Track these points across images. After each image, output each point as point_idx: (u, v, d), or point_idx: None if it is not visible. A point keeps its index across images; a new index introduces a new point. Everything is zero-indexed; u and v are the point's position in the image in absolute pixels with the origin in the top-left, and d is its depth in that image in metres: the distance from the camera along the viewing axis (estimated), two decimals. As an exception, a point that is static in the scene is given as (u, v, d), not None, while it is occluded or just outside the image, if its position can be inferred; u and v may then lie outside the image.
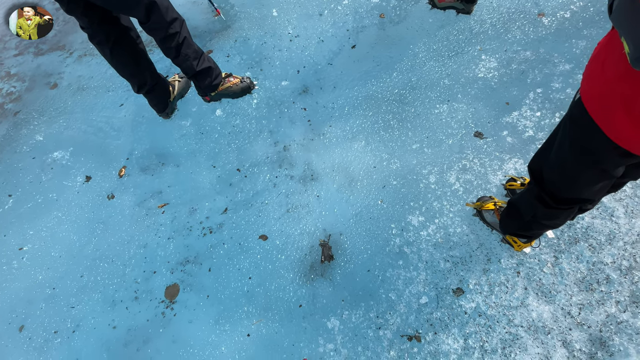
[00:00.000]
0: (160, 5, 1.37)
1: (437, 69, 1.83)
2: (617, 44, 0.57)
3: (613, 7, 0.52)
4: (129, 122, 1.97)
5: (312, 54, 2.05)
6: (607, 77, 0.61)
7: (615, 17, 0.51)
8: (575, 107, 0.70)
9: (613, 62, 0.60)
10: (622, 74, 0.58)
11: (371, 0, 2.24)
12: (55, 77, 2.32)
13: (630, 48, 0.48)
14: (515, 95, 1.67)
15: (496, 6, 2.02)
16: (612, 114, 0.62)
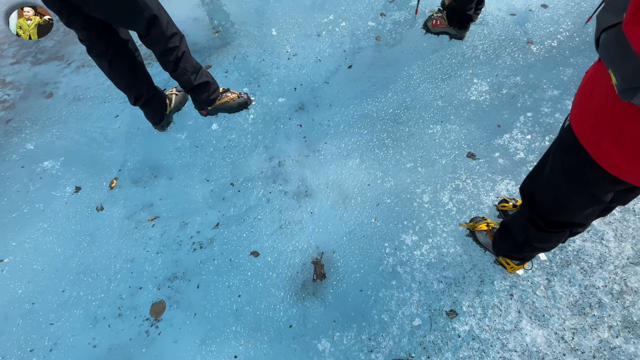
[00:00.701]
0: (161, 20, 1.39)
1: (431, 90, 1.88)
2: (605, 74, 0.59)
3: (600, 41, 0.54)
4: (123, 133, 1.95)
5: (309, 73, 2.09)
6: (595, 106, 0.63)
7: (603, 51, 0.53)
8: (566, 133, 0.72)
9: (601, 92, 0.62)
10: (610, 104, 0.60)
11: (367, 23, 2.31)
12: (51, 87, 2.31)
13: (617, 80, 0.50)
14: (506, 118, 1.72)
15: (487, 33, 2.10)
16: (601, 142, 0.64)
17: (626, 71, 0.48)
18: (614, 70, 0.51)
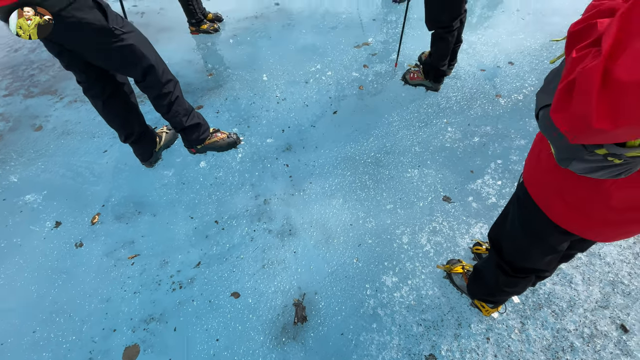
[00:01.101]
0: (157, 68, 1.49)
1: (409, 137, 2.02)
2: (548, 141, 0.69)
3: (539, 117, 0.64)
4: (110, 168, 1.97)
5: (297, 116, 2.22)
6: (542, 167, 0.72)
7: (540, 125, 0.63)
8: (520, 189, 0.81)
9: (546, 155, 0.72)
10: (553, 166, 0.69)
11: (352, 73, 2.51)
12: (42, 120, 2.35)
13: (554, 150, 0.60)
14: (478, 164, 1.84)
15: (460, 86, 2.32)
16: (549, 198, 0.72)
17: (559, 145, 0.57)
18: (550, 142, 0.60)
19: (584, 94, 0.42)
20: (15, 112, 2.46)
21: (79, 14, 1.17)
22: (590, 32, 0.48)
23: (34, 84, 2.72)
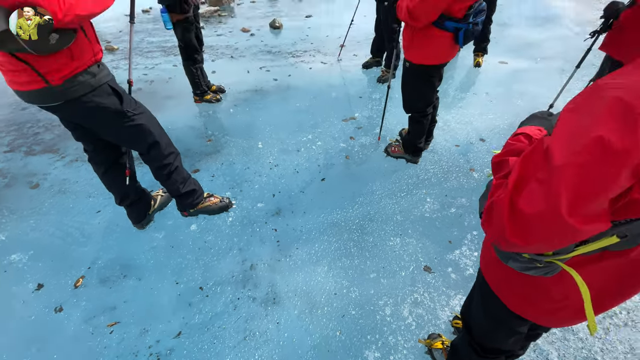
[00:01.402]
0: (161, 143, 1.65)
1: (391, 206, 2.16)
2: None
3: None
4: (101, 229, 2.01)
5: (287, 182, 2.36)
6: (492, 258, 0.83)
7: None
8: (479, 274, 0.91)
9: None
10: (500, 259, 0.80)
11: (339, 144, 2.74)
12: (39, 177, 2.43)
13: (495, 249, 0.71)
14: (456, 235, 1.96)
15: (437, 160, 2.54)
16: (502, 286, 0.82)
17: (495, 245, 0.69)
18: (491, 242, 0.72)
19: (498, 218, 0.55)
20: (13, 168, 2.55)
21: (97, 99, 1.34)
22: (504, 166, 0.63)
23: (37, 142, 2.86)
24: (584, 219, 0.48)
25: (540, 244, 0.54)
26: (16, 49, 1.07)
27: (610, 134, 0.44)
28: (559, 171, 0.47)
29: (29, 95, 1.25)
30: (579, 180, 0.46)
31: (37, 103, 1.30)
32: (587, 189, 0.46)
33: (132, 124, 1.48)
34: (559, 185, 0.47)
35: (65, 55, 1.19)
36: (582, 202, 0.47)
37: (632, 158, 0.43)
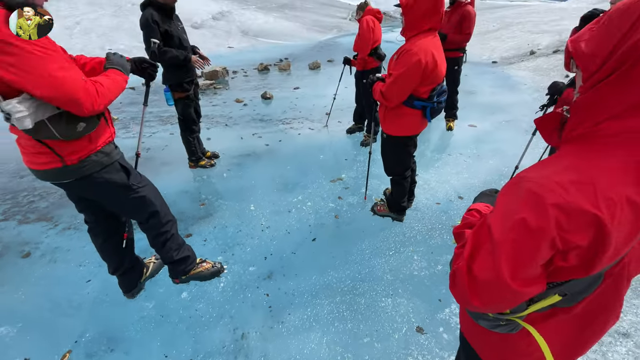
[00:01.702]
0: (160, 212, 1.75)
1: (381, 265, 2.23)
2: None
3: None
4: (90, 299, 1.98)
5: (279, 243, 2.43)
6: (468, 319, 0.92)
7: None
8: (461, 333, 0.98)
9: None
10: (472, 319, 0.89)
11: (328, 204, 2.89)
12: (31, 246, 2.43)
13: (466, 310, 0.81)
14: (444, 293, 2.02)
15: (420, 217, 2.69)
16: (479, 344, 0.89)
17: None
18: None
19: (461, 283, 0.66)
20: (5, 237, 2.54)
21: (107, 176, 1.48)
22: (462, 236, 0.77)
23: (32, 210, 2.90)
24: (523, 282, 0.61)
25: (495, 304, 0.65)
26: (47, 137, 1.22)
27: (529, 216, 0.58)
28: (499, 246, 0.61)
29: (45, 173, 1.37)
30: (513, 253, 0.60)
31: (51, 180, 1.42)
32: (520, 258, 0.60)
33: (137, 195, 1.59)
34: (500, 256, 0.61)
35: (85, 139, 1.36)
36: (519, 269, 0.60)
37: (547, 234, 0.57)
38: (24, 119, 1.13)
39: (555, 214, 0.56)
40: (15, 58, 1.08)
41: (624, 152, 0.57)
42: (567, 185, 0.57)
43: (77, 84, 1.19)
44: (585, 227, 0.56)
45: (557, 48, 8.86)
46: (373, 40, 3.36)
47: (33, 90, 1.13)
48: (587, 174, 0.58)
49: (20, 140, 1.33)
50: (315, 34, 16.07)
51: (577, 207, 0.56)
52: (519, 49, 9.99)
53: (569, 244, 0.58)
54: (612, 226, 0.56)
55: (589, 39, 0.60)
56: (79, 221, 2.72)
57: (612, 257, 0.60)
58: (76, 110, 1.21)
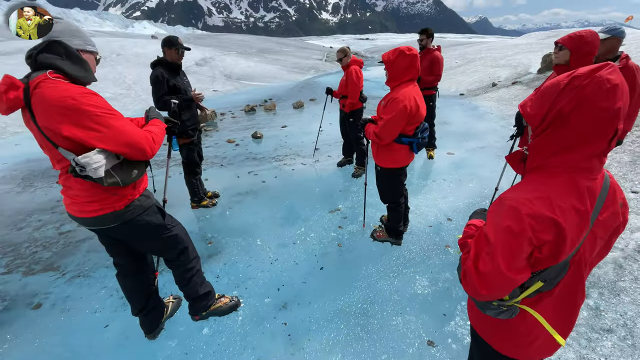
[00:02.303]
0: (189, 248, 1.88)
1: (387, 287, 2.40)
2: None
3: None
4: (111, 344, 2.01)
5: (289, 275, 2.57)
6: (476, 313, 1.13)
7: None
8: (472, 330, 1.18)
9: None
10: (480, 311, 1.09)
11: (330, 233, 3.08)
12: (41, 297, 2.43)
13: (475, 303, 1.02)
14: (447, 307, 2.20)
15: (416, 240, 2.92)
16: (488, 334, 1.09)
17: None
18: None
19: (470, 279, 0.89)
20: (12, 290, 2.53)
21: (147, 218, 1.63)
22: (466, 245, 1.00)
23: (36, 261, 2.90)
24: (515, 271, 0.84)
25: (498, 290, 0.88)
26: (111, 183, 1.39)
27: (512, 224, 0.83)
28: (494, 246, 0.85)
29: (94, 220, 1.51)
30: (505, 250, 0.84)
31: (98, 226, 1.55)
32: (510, 254, 0.84)
33: (170, 234, 1.74)
34: (496, 254, 0.84)
35: (131, 185, 1.53)
36: (510, 261, 0.84)
37: (525, 235, 0.82)
38: (99, 168, 1.32)
39: (529, 221, 0.82)
40: (93, 122, 1.30)
41: (565, 176, 0.85)
42: (533, 200, 0.84)
43: (140, 135, 1.42)
44: (549, 227, 0.82)
45: (515, 80, 9.91)
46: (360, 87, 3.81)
47: (108, 145, 1.34)
48: (545, 192, 0.85)
49: (71, 191, 1.48)
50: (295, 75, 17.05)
51: (541, 214, 0.82)
52: (481, 81, 11.06)
53: (540, 240, 0.83)
54: (566, 224, 0.82)
55: (531, 105, 0.90)
56: (87, 269, 2.75)
57: (571, 246, 0.85)
58: (140, 155, 1.43)
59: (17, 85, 1.32)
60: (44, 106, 1.29)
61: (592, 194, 0.86)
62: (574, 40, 1.99)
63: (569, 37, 2.03)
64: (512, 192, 0.90)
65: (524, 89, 8.50)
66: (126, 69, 12.34)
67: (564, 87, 0.83)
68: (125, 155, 1.42)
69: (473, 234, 1.04)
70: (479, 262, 0.88)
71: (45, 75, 1.31)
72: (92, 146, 1.33)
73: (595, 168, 0.86)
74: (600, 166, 0.87)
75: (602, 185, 0.89)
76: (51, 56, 1.35)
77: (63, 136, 1.32)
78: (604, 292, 2.21)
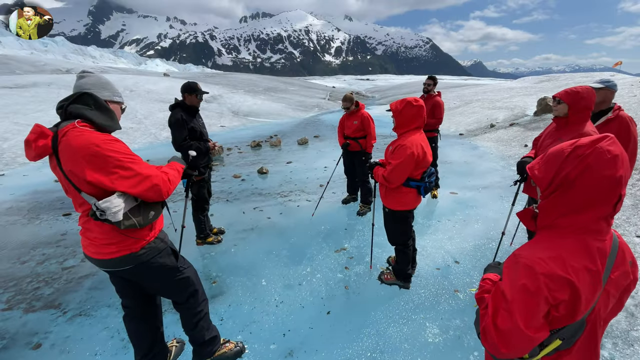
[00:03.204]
0: (199, 291, 1.87)
1: (396, 334, 2.33)
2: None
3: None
4: (110, 392, 1.93)
5: (295, 319, 2.50)
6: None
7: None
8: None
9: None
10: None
11: (337, 275, 3.04)
12: (41, 337, 2.36)
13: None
14: (460, 358, 2.12)
15: (425, 284, 2.88)
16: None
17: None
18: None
19: (490, 337, 0.90)
20: (11, 328, 2.46)
21: (161, 260, 1.65)
22: (483, 300, 1.02)
23: (37, 298, 2.85)
24: (534, 329, 0.86)
25: (517, 348, 0.88)
26: (128, 226, 1.43)
27: (527, 282, 0.86)
28: (511, 304, 0.87)
29: (111, 262, 1.53)
30: (522, 308, 0.86)
31: (114, 268, 1.56)
32: (528, 312, 0.86)
33: (182, 276, 1.74)
34: (514, 312, 0.86)
35: (147, 227, 1.57)
36: (529, 319, 0.85)
37: (541, 293, 0.85)
38: (119, 212, 1.37)
39: (544, 280, 0.85)
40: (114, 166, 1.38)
41: (575, 237, 0.90)
42: (547, 259, 0.87)
43: (157, 176, 1.50)
44: (564, 286, 0.85)
45: (512, 121, 10.26)
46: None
47: (127, 187, 1.40)
48: (557, 252, 0.89)
49: (90, 233, 1.51)
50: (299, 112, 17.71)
51: (556, 274, 0.85)
52: (480, 122, 11.45)
53: (556, 299, 0.85)
54: (579, 284, 0.85)
55: (538, 168, 0.97)
56: (88, 307, 2.70)
57: (586, 305, 0.87)
58: (156, 197, 1.49)
59: (46, 134, 1.42)
60: (69, 152, 1.37)
61: (603, 255, 0.90)
62: (571, 95, 2.13)
63: (566, 92, 2.17)
64: (526, 250, 0.94)
65: (522, 131, 8.78)
66: (138, 104, 12.89)
67: (568, 154, 0.90)
68: (142, 197, 1.47)
69: (489, 289, 1.06)
70: (498, 319, 0.89)
71: (73, 124, 1.41)
72: (112, 189, 1.39)
73: (603, 230, 0.90)
74: (608, 228, 0.91)
75: (611, 246, 0.93)
76: (81, 107, 1.46)
77: (86, 181, 1.38)
78: (617, 342, 2.15)
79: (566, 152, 0.91)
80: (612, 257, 0.92)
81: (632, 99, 8.83)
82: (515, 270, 0.91)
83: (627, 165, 0.87)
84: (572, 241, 0.90)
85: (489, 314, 0.92)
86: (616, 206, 0.88)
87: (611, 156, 0.85)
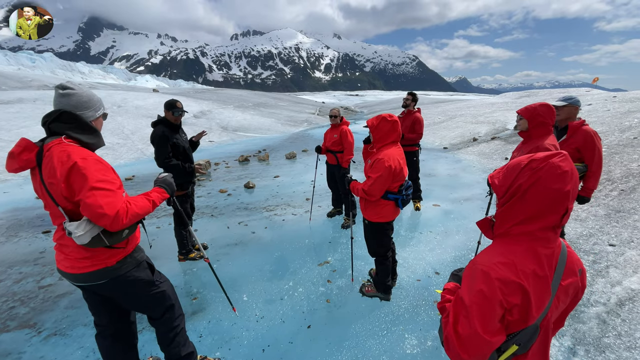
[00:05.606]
0: (175, 305, 1.87)
1: (375, 347, 2.35)
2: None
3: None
4: (81, 414, 1.87)
5: (275, 334, 2.50)
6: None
7: None
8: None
9: None
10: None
11: (319, 288, 3.05)
12: (14, 357, 2.28)
13: None
14: (437, 368, 2.15)
15: (405, 295, 2.92)
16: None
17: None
18: None
19: (452, 344, 0.95)
20: (-20, 352, 2.38)
21: (137, 274, 1.65)
22: (445, 309, 1.08)
23: (12, 317, 2.77)
24: (491, 333, 0.91)
25: (478, 354, 0.93)
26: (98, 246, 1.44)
27: (483, 287, 0.92)
28: (469, 309, 0.93)
29: (85, 276, 1.52)
30: (479, 313, 0.92)
31: (89, 282, 1.55)
32: (485, 316, 0.91)
33: (158, 290, 1.74)
34: (472, 317, 0.92)
35: (123, 242, 1.58)
36: (486, 324, 0.91)
37: (496, 298, 0.91)
38: (82, 237, 1.38)
39: (498, 284, 0.92)
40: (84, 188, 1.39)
41: (525, 244, 0.97)
42: (500, 265, 0.94)
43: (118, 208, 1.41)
44: (516, 290, 0.91)
45: (493, 135, 10.61)
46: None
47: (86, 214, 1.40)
48: (510, 258, 0.95)
49: (66, 248, 1.52)
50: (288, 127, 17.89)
51: (508, 278, 0.92)
52: (463, 136, 11.79)
53: (510, 303, 0.92)
54: (529, 288, 0.91)
55: (498, 178, 1.05)
56: (64, 326, 2.63)
57: (537, 310, 0.94)
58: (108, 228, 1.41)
59: (31, 148, 1.45)
60: (51, 165, 1.40)
61: (550, 261, 0.97)
62: (530, 111, 2.28)
63: (526, 108, 2.32)
64: (483, 257, 1.00)
65: (503, 144, 9.09)
66: (126, 119, 12.84)
67: (523, 167, 0.99)
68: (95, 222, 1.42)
69: (450, 299, 1.12)
70: (458, 326, 0.94)
71: (60, 139, 1.45)
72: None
73: (550, 238, 0.98)
74: (555, 237, 0.99)
75: (559, 253, 1.00)
76: (63, 125, 1.49)
77: (63, 195, 1.41)
78: (589, 349, 2.21)
79: (522, 164, 0.99)
80: (562, 265, 0.99)
81: (605, 113, 9.29)
82: (473, 277, 0.97)
83: (575, 181, 0.95)
84: (522, 248, 0.97)
85: (450, 322, 0.98)
86: (563, 218, 0.96)
87: (561, 172, 0.93)
